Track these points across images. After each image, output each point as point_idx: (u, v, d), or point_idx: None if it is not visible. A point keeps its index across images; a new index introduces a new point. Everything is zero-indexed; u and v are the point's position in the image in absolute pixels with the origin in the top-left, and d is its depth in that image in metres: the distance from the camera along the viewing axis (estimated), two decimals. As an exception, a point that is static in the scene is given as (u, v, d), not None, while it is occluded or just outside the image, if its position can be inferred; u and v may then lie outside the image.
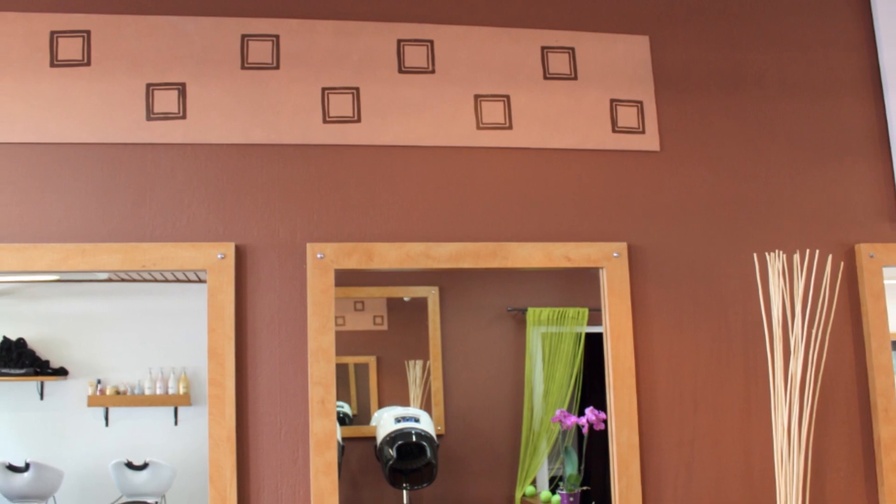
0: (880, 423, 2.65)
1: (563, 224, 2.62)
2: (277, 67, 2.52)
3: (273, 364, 2.41)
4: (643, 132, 2.69)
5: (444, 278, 2.67)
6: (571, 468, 2.68)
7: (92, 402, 2.48)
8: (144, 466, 2.48)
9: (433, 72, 2.60)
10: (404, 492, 2.65)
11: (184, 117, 2.45)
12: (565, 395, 2.72)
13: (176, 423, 2.53)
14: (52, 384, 2.47)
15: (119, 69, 2.44)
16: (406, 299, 2.69)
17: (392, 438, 2.64)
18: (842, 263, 2.72)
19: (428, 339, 2.67)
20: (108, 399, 2.49)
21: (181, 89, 2.46)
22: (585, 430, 2.64)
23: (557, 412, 2.67)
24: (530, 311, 2.71)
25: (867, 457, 2.68)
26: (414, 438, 2.63)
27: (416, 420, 2.65)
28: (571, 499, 2.63)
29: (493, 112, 2.61)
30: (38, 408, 2.48)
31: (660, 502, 2.55)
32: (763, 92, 2.82)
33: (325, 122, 2.52)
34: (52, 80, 2.41)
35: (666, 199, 2.70)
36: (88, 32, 2.45)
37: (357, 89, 2.55)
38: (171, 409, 2.52)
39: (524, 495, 2.68)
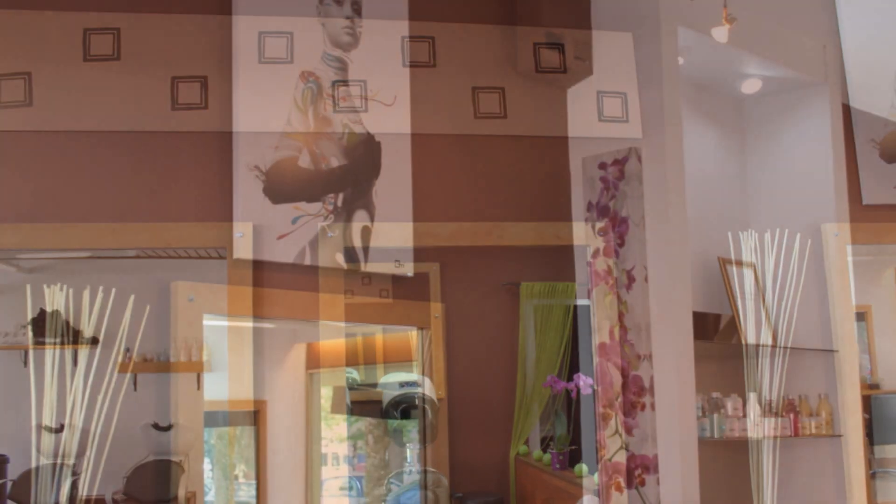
0: (845, 387, 2.83)
1: (553, 206, 2.77)
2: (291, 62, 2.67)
3: (288, 333, 2.56)
4: (626, 121, 2.83)
5: (445, 255, 2.80)
6: (561, 429, 2.81)
7: (121, 368, 2.59)
8: (169, 427, 2.61)
9: (434, 66, 2.75)
10: (408, 450, 2.78)
11: (205, 108, 2.59)
12: (555, 363, 2.85)
13: (198, 387, 2.66)
14: (84, 352, 2.59)
15: (146, 63, 2.58)
16: (409, 275, 2.83)
17: (397, 402, 2.77)
18: (809, 242, 2.86)
19: (429, 311, 2.80)
20: (135, 366, 2.60)
21: (203, 82, 2.60)
22: (574, 395, 2.77)
23: (548, 378, 2.78)
24: (523, 285, 2.85)
25: (832, 415, 2.83)
26: (416, 402, 2.76)
27: (419, 385, 2.78)
28: (561, 457, 2.75)
29: (489, 103, 2.75)
30: (72, 374, 2.60)
31: (642, 460, 2.69)
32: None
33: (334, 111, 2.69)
34: (85, 74, 2.54)
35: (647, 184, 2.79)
36: (118, 30, 2.60)
37: (364, 82, 2.69)
38: (194, 375, 2.66)
39: (518, 454, 2.83)
